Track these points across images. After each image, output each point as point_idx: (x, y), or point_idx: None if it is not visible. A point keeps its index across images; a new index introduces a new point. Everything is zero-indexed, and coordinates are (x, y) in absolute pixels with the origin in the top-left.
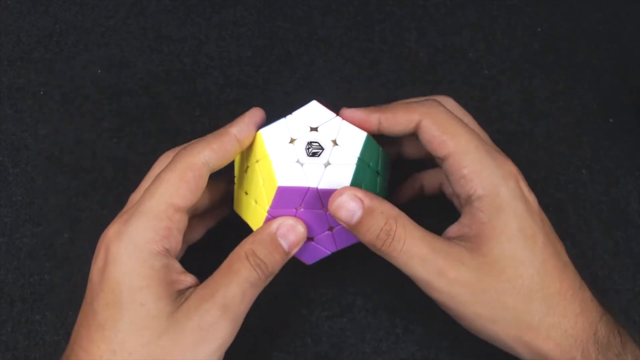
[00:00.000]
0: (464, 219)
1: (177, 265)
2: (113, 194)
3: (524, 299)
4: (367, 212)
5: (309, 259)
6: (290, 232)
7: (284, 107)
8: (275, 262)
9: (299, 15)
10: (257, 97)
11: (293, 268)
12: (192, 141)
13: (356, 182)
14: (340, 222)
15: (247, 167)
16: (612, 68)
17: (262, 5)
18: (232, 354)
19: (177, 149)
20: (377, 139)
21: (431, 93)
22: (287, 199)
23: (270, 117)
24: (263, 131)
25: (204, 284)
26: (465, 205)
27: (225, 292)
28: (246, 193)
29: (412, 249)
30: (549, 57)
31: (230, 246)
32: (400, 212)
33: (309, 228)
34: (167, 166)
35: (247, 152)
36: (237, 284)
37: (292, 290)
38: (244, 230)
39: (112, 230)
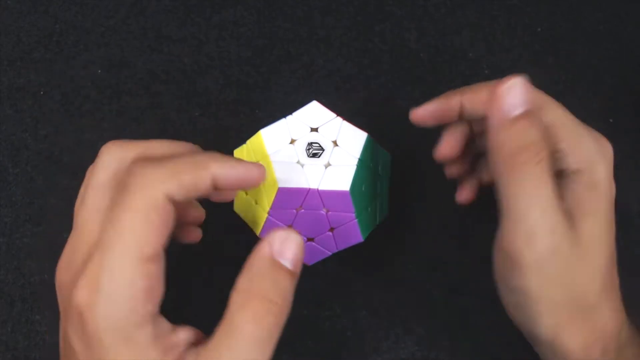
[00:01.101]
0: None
1: (164, 325)
2: None
3: (585, 286)
4: (532, 113)
5: (309, 260)
6: (287, 245)
7: (284, 107)
8: (285, 292)
9: (299, 15)
10: (257, 97)
11: None
12: (153, 155)
13: (356, 183)
14: (494, 112)
15: None
16: (612, 68)
17: (262, 5)
18: None
19: (124, 144)
20: (377, 140)
21: (431, 93)
22: (288, 200)
23: (271, 118)
24: (263, 131)
25: (205, 349)
26: (557, 178)
27: None
28: (246, 193)
29: (544, 189)
30: (549, 57)
31: (230, 249)
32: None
33: (309, 229)
34: (121, 201)
35: (247, 152)
36: (244, 349)
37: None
38: (244, 233)
39: (81, 297)
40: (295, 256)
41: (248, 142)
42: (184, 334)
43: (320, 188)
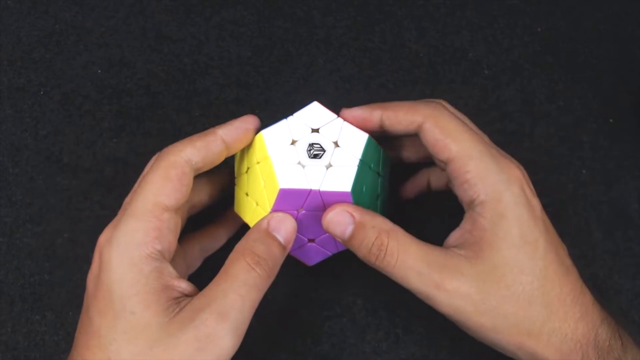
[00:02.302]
0: (465, 225)
1: (170, 269)
2: (113, 194)
3: (523, 305)
4: (359, 226)
5: (310, 260)
6: (282, 224)
7: (284, 108)
8: (274, 258)
9: (299, 15)
10: (257, 97)
11: (293, 269)
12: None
13: (358, 184)
14: (335, 238)
15: (248, 168)
16: (612, 68)
17: (262, 5)
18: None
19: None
20: (378, 140)
21: (431, 93)
22: (289, 201)
23: (271, 118)
24: (264, 132)
25: (200, 293)
26: (468, 210)
27: (223, 300)
28: (247, 194)
29: (406, 263)
30: (549, 57)
31: (230, 249)
32: (393, 226)
33: (310, 230)
34: (151, 167)
35: (247, 153)
36: (235, 289)
37: (292, 291)
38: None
39: (103, 237)
40: (288, 234)
41: None
42: (186, 285)
43: (322, 189)
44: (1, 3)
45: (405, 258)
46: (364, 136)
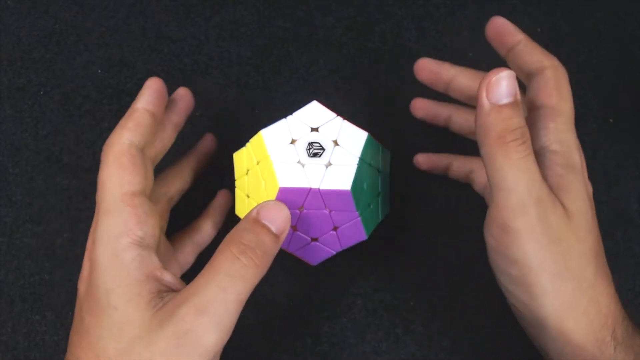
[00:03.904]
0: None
1: (154, 258)
2: None
3: (583, 265)
4: (518, 103)
5: (314, 260)
6: (272, 212)
7: (284, 107)
8: (264, 246)
9: (299, 15)
10: (257, 97)
11: (293, 268)
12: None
13: (358, 182)
14: (484, 99)
15: (248, 170)
16: (612, 68)
17: (262, 5)
18: (232, 355)
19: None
20: (379, 137)
21: (431, 93)
22: (289, 200)
23: (271, 118)
24: (264, 132)
25: (184, 288)
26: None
27: (203, 293)
28: (248, 196)
29: (530, 164)
30: None
31: None
32: None
33: (313, 229)
34: (101, 163)
35: (247, 154)
36: (217, 280)
37: (291, 291)
38: None
39: (89, 241)
40: (281, 223)
41: (248, 143)
42: (171, 278)
43: (322, 188)
44: (1, 3)
45: (533, 160)
46: (364, 134)
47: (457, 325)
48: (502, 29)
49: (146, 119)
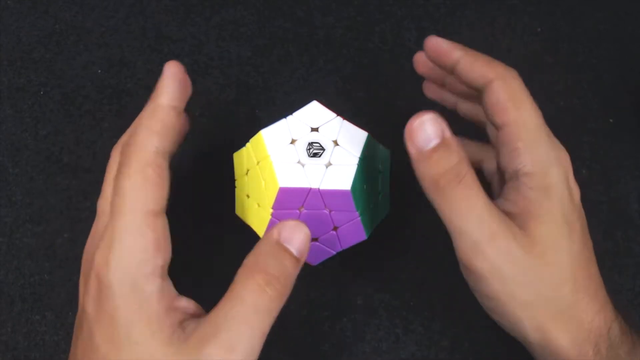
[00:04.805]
0: (508, 195)
1: (171, 288)
2: None
3: (556, 287)
4: (445, 143)
5: (314, 260)
6: (295, 233)
7: (284, 107)
8: (287, 273)
9: (299, 15)
10: (257, 97)
11: None
12: (129, 130)
13: (358, 182)
14: (411, 147)
15: (248, 170)
16: (612, 68)
17: (262, 5)
18: None
19: (121, 139)
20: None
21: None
22: (289, 200)
23: (271, 118)
24: (263, 132)
25: (206, 318)
26: (510, 180)
27: (231, 330)
28: (248, 196)
29: (473, 201)
30: (549, 57)
31: (231, 252)
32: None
33: (313, 229)
34: (120, 170)
35: (247, 154)
36: (244, 316)
37: (292, 291)
38: (244, 233)
39: (99, 258)
40: (302, 245)
41: (248, 143)
42: (187, 303)
43: (322, 188)
44: (1, 3)
45: (474, 196)
46: (363, 134)
47: (457, 325)
48: (438, 50)
49: (172, 119)
